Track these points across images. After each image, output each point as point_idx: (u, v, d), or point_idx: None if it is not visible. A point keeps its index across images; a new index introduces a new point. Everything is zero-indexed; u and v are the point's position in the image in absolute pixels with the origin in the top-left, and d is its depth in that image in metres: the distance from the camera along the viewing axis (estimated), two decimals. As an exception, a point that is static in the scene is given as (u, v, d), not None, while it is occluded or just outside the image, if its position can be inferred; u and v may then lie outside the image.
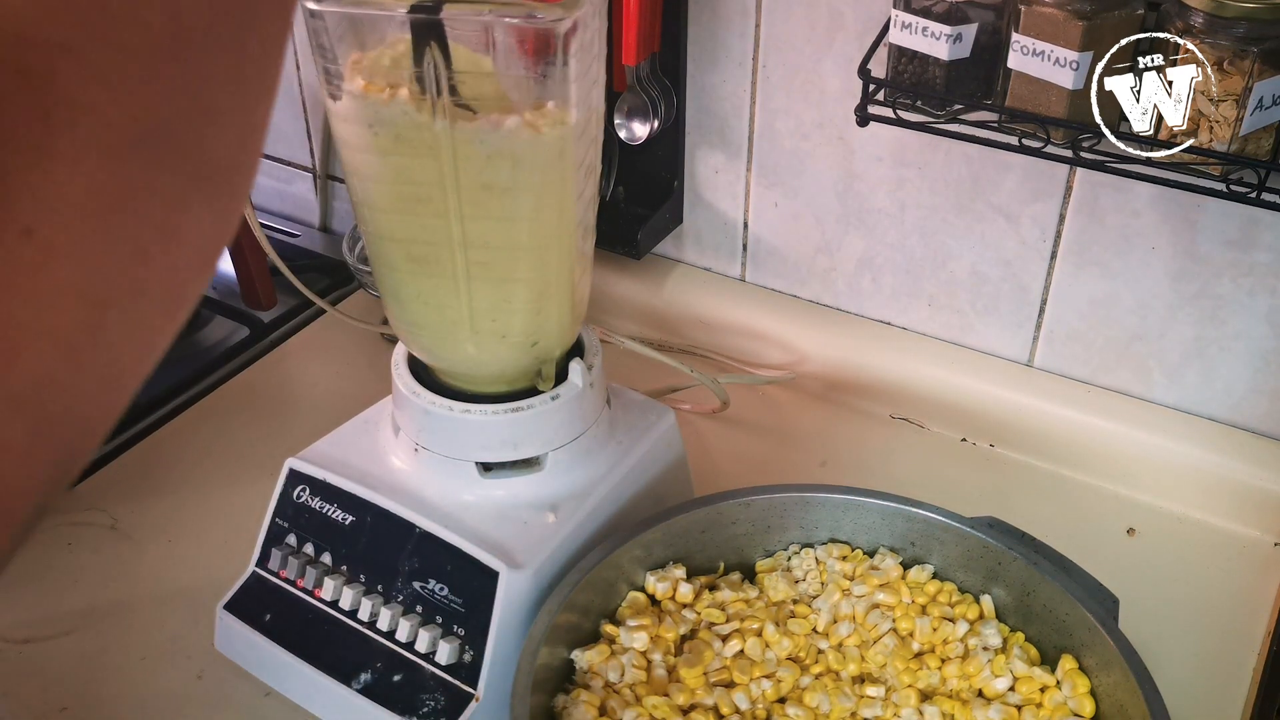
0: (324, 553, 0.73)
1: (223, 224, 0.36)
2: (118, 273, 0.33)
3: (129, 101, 0.32)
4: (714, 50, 0.95)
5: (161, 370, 1.18)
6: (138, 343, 0.35)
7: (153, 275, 0.34)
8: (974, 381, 0.96)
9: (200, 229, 0.35)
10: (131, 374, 0.35)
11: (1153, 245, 0.86)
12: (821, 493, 0.76)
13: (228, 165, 0.36)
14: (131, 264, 0.33)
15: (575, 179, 0.65)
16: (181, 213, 0.34)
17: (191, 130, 0.34)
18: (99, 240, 0.32)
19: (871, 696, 0.68)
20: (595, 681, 0.68)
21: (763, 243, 1.03)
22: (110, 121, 0.32)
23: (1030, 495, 0.91)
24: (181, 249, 0.35)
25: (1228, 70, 0.66)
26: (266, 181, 1.27)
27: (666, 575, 0.73)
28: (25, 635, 0.79)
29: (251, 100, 0.37)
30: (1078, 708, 0.66)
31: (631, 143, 0.97)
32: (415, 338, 0.72)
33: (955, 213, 0.92)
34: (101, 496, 0.91)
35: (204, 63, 0.34)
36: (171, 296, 0.35)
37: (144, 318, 0.35)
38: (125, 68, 0.32)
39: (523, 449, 0.72)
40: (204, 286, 0.37)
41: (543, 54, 0.63)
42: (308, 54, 0.63)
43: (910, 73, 0.77)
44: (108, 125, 0.32)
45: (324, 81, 0.63)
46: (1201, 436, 0.90)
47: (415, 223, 0.65)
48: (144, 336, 0.35)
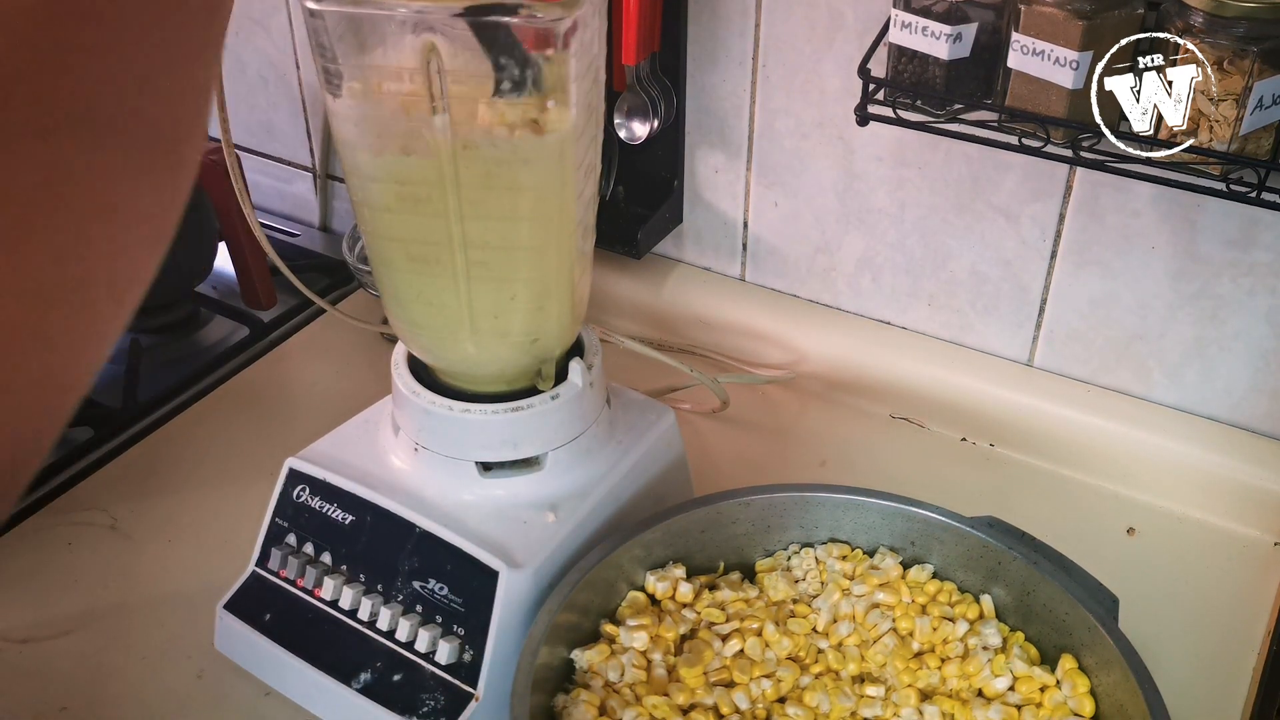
0: (324, 552, 0.73)
1: (170, 196, 0.34)
2: (57, 263, 0.30)
3: (57, 75, 0.29)
4: (714, 50, 0.95)
5: (161, 370, 1.17)
6: (84, 335, 0.32)
7: (97, 260, 0.31)
8: (974, 381, 0.96)
9: (145, 204, 0.33)
10: (80, 370, 0.33)
11: (1153, 245, 0.86)
12: (821, 492, 0.76)
13: (170, 134, 0.33)
14: (73, 251, 0.31)
15: (575, 178, 0.65)
16: (123, 189, 0.32)
17: (126, 100, 0.31)
18: (38, 230, 0.30)
19: (871, 696, 0.68)
20: (595, 681, 0.68)
21: (763, 242, 1.03)
22: (39, 98, 0.29)
23: (1030, 495, 0.91)
24: (127, 229, 0.32)
25: (1228, 70, 0.66)
26: (266, 181, 1.27)
27: (666, 575, 0.73)
28: (25, 635, 0.79)
29: (189, 61, 0.34)
30: (1077, 707, 0.66)
31: (631, 142, 0.97)
32: (415, 337, 0.72)
33: (955, 212, 0.92)
34: (101, 496, 0.91)
35: (133, 24, 0.31)
36: (119, 281, 0.33)
37: (90, 307, 0.32)
38: (50, 39, 0.29)
39: (522, 448, 0.72)
40: (154, 266, 0.34)
41: (543, 54, 0.63)
42: (307, 53, 0.63)
43: (910, 72, 0.77)
44: (36, 103, 0.29)
45: (324, 81, 0.63)
46: (1201, 436, 0.89)
47: (415, 222, 0.65)
48: (91, 327, 0.32)
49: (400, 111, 0.62)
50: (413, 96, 0.61)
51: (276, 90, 1.20)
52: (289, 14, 1.14)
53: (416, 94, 0.61)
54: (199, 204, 1.02)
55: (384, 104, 0.62)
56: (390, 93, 0.62)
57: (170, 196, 0.34)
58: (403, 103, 0.62)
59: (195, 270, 1.10)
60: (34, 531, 0.88)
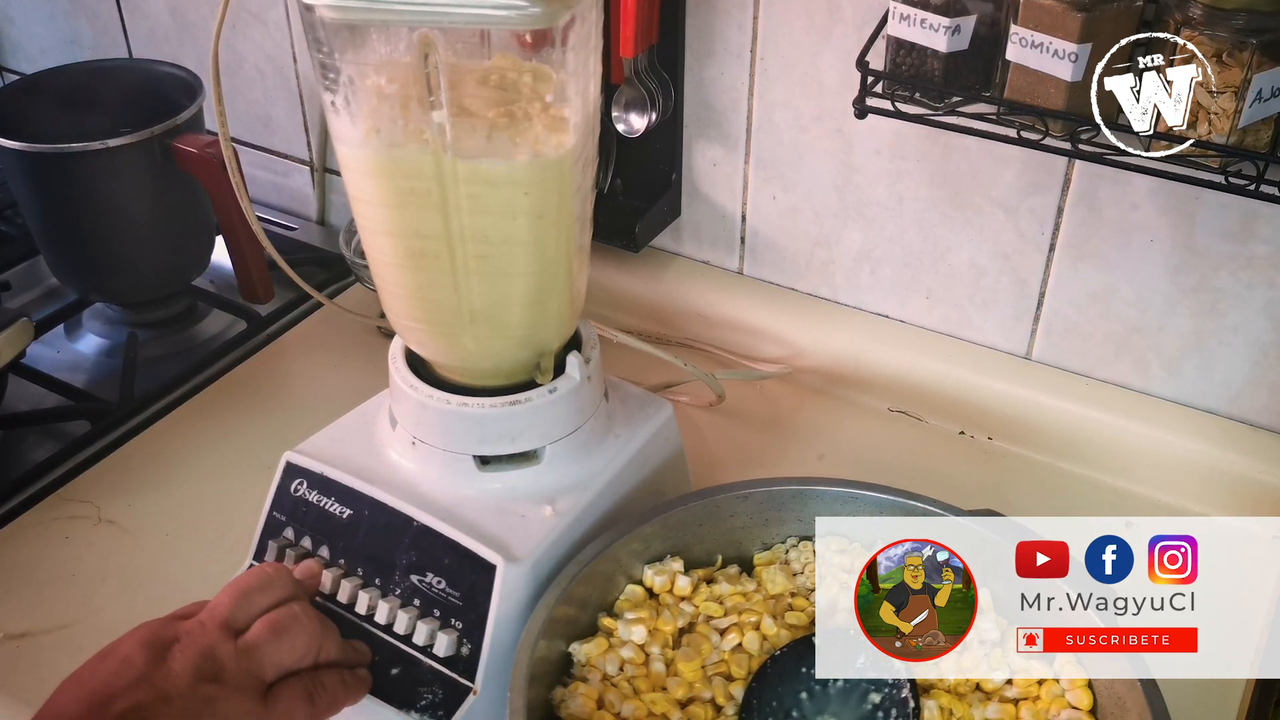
0: (321, 546, 0.73)
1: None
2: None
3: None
4: (712, 42, 0.95)
5: (158, 364, 1.17)
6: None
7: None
8: (972, 375, 0.96)
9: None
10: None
11: (1151, 238, 0.86)
12: (819, 485, 0.76)
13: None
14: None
15: (573, 173, 0.65)
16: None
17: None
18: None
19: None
20: (593, 674, 0.68)
21: (761, 236, 1.03)
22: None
23: (1028, 488, 0.91)
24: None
25: (1227, 62, 0.66)
26: (264, 175, 1.27)
27: (664, 568, 0.73)
28: (22, 629, 0.79)
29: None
30: (1076, 700, 0.66)
31: (629, 135, 0.97)
32: (412, 332, 0.72)
33: (954, 206, 0.92)
34: (98, 490, 0.91)
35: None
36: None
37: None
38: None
39: (520, 442, 0.72)
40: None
41: (541, 49, 0.62)
42: (304, 47, 0.63)
43: (909, 65, 0.76)
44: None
45: (320, 75, 0.63)
46: (1200, 430, 0.89)
47: (412, 217, 0.65)
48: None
49: (398, 106, 0.62)
50: (410, 90, 0.61)
51: (274, 84, 1.20)
52: (286, 8, 1.14)
53: (414, 88, 0.61)
54: (196, 198, 1.02)
55: (381, 98, 0.62)
56: (387, 87, 0.62)
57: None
58: (400, 97, 0.62)
59: (192, 264, 1.10)
60: (31, 526, 0.88)
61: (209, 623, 0.62)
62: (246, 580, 0.65)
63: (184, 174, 0.98)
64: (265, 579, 0.65)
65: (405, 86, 0.61)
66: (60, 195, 1.00)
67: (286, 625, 0.64)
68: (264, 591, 0.65)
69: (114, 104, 1.07)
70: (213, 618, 0.62)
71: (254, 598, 0.64)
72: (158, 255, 1.07)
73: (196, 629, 0.62)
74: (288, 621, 0.64)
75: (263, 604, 0.64)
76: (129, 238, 1.04)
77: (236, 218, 0.95)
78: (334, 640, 0.67)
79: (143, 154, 0.98)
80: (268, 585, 0.65)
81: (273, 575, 0.66)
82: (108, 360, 1.06)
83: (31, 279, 1.16)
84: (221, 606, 0.63)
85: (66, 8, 1.31)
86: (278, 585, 0.66)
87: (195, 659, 0.60)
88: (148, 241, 1.05)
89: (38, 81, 1.07)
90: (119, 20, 1.28)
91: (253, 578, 0.65)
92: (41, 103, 1.05)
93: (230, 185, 0.82)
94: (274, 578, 0.66)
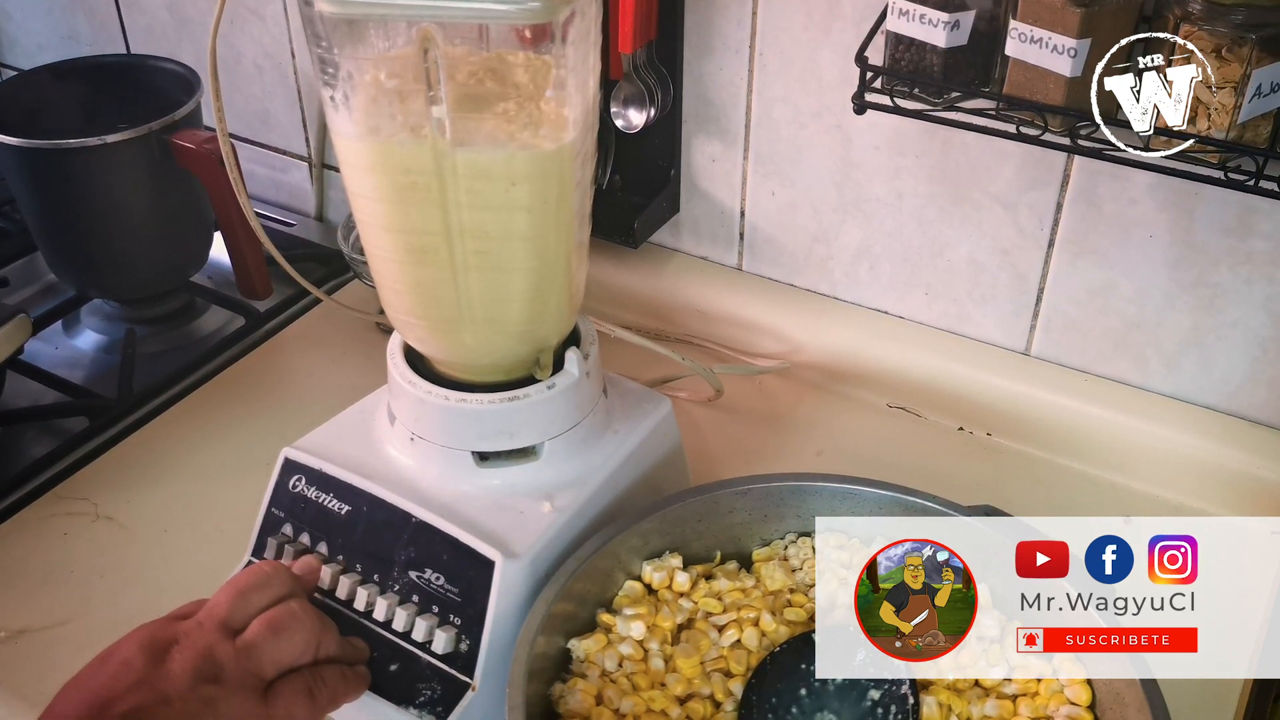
0: (320, 542, 0.73)
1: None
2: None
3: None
4: (710, 38, 0.95)
5: (157, 360, 1.17)
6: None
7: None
8: (971, 371, 0.96)
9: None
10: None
11: (1150, 234, 0.86)
12: (818, 482, 0.76)
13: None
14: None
15: (572, 168, 0.65)
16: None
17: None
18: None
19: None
20: (592, 670, 0.68)
21: (760, 231, 1.03)
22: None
23: (1027, 484, 0.91)
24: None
25: (1226, 58, 0.66)
26: (262, 170, 1.27)
27: (663, 564, 0.73)
28: (21, 625, 0.79)
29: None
30: (1074, 696, 0.66)
31: (628, 131, 0.97)
32: (411, 327, 0.72)
33: (953, 201, 0.92)
34: (97, 487, 0.91)
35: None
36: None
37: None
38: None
39: (519, 438, 0.72)
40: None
41: (540, 43, 0.62)
42: (303, 42, 0.63)
43: (908, 60, 0.76)
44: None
45: (319, 70, 0.63)
46: (1199, 425, 0.89)
47: (411, 213, 0.65)
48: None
49: (397, 101, 0.62)
50: (409, 86, 0.61)
51: (272, 79, 1.20)
52: (284, 3, 1.14)
53: (413, 83, 0.61)
54: (194, 194, 1.02)
55: (380, 93, 0.62)
56: (386, 82, 0.62)
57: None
58: (399, 92, 0.62)
59: (191, 260, 1.10)
60: (29, 522, 0.88)
61: (207, 623, 0.62)
62: (244, 579, 0.65)
63: (182, 170, 0.98)
64: (263, 577, 0.65)
65: (404, 81, 0.61)
66: (58, 191, 0.99)
67: (285, 623, 0.64)
68: (262, 590, 0.65)
69: (112, 100, 1.07)
70: (211, 618, 0.62)
71: (252, 596, 0.64)
72: (156, 251, 1.07)
73: (195, 629, 0.62)
74: (286, 619, 0.64)
75: (261, 602, 0.64)
76: (127, 234, 1.04)
77: (235, 214, 0.95)
78: (333, 637, 0.67)
79: (141, 150, 0.98)
80: (265, 583, 0.65)
81: (270, 573, 0.66)
82: (106, 356, 1.06)
83: (30, 275, 1.16)
84: (219, 606, 0.63)
85: (64, 3, 1.31)
86: (275, 583, 0.66)
87: (194, 660, 0.60)
88: (146, 238, 1.05)
89: (35, 77, 1.07)
90: (117, 16, 1.28)
91: (250, 576, 0.65)
92: (39, 99, 1.05)
93: (228, 181, 0.82)
94: (271, 576, 0.66)
